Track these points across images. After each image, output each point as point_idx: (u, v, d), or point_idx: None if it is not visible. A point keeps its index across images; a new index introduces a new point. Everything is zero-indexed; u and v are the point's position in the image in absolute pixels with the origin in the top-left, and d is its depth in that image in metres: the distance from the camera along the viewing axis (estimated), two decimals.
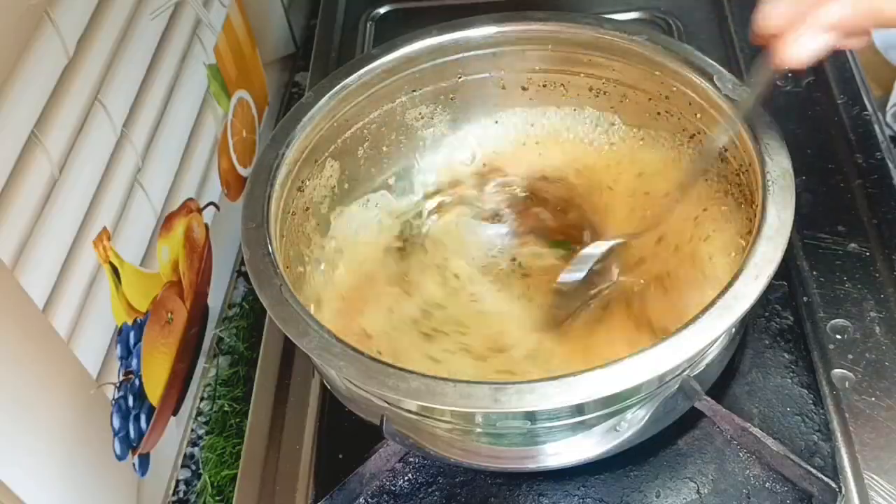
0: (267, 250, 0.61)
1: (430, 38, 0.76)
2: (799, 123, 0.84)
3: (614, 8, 0.99)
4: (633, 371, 0.52)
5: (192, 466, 0.79)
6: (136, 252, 0.71)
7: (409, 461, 0.67)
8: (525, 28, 0.75)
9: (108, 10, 0.66)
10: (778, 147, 0.62)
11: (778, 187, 0.60)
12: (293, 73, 1.12)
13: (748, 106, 0.60)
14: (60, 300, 0.60)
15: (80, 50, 0.62)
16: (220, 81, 0.87)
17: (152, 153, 0.73)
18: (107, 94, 0.66)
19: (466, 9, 0.82)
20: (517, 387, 0.52)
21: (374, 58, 0.75)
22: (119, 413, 0.67)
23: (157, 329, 0.73)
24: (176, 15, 0.78)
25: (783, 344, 0.71)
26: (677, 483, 0.64)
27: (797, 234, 0.75)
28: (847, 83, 0.87)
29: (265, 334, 0.77)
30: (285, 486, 0.67)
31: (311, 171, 0.72)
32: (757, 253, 0.57)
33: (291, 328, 0.57)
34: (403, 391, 0.53)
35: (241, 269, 0.92)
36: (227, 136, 0.89)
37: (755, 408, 0.67)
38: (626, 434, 0.61)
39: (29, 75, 0.57)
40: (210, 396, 0.84)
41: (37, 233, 0.57)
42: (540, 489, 0.65)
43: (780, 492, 0.63)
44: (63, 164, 0.60)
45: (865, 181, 0.78)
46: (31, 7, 0.58)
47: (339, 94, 0.73)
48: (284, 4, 1.09)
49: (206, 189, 0.83)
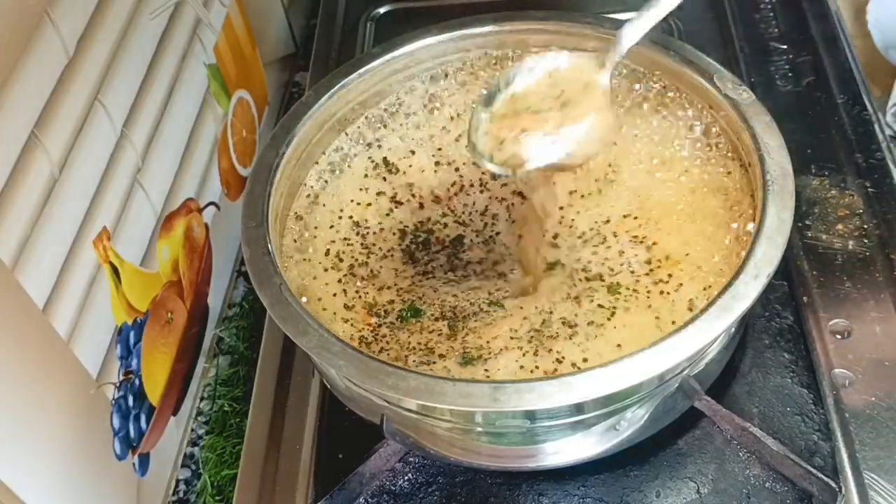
0: (267, 250, 0.62)
1: (430, 37, 0.76)
2: (799, 123, 0.84)
3: (614, 8, 0.99)
4: (632, 370, 0.52)
5: (192, 466, 0.79)
6: (136, 252, 0.71)
7: (409, 461, 0.67)
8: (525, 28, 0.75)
9: (108, 10, 0.66)
10: (778, 147, 0.63)
11: (778, 187, 0.60)
12: (293, 73, 1.12)
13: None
14: (60, 300, 0.60)
15: (80, 50, 0.62)
16: (220, 81, 0.87)
17: (152, 153, 0.73)
18: (107, 94, 0.66)
19: (466, 9, 0.82)
20: (516, 386, 0.52)
21: (374, 57, 0.75)
22: (119, 413, 0.67)
23: (157, 329, 0.73)
24: (176, 15, 0.78)
25: (783, 344, 0.71)
26: (677, 483, 0.64)
27: (797, 234, 0.75)
28: (847, 83, 0.87)
29: (265, 334, 0.77)
30: (285, 486, 0.67)
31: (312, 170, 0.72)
32: (757, 253, 0.57)
33: (291, 327, 0.57)
34: (403, 390, 0.53)
35: (241, 269, 0.92)
36: (227, 136, 0.89)
37: (755, 407, 0.67)
38: (626, 433, 0.61)
39: (29, 75, 0.57)
40: (210, 396, 0.84)
41: (37, 233, 0.58)
42: (540, 489, 0.65)
43: (780, 491, 0.63)
44: (63, 164, 0.60)
45: (865, 181, 0.78)
46: (31, 7, 0.58)
47: (338, 94, 0.73)
48: (284, 4, 1.09)
49: (206, 189, 0.83)
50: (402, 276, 0.69)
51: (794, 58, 0.91)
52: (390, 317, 0.65)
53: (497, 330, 0.62)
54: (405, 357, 0.61)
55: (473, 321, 0.64)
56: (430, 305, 0.66)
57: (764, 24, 0.94)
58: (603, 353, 0.60)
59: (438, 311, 0.65)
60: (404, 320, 0.65)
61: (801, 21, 0.94)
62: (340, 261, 0.69)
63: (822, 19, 0.94)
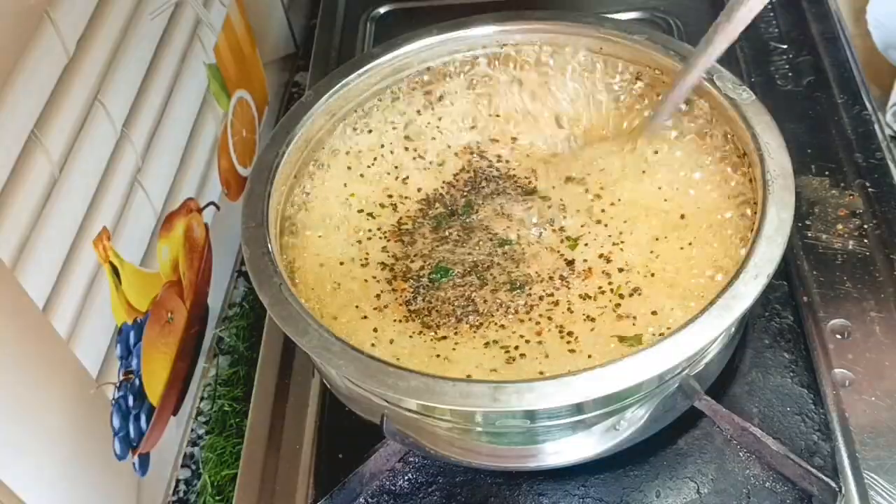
0: (267, 249, 0.62)
1: (430, 37, 0.76)
2: (799, 123, 0.84)
3: (614, 8, 0.99)
4: (632, 370, 0.52)
5: (192, 466, 0.79)
6: (136, 252, 0.71)
7: (409, 461, 0.67)
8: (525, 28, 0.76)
9: (108, 10, 0.66)
10: (778, 147, 0.63)
11: (778, 187, 0.60)
12: (293, 73, 1.12)
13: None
14: (60, 300, 0.60)
15: (80, 50, 0.63)
16: (220, 81, 0.87)
17: (152, 153, 0.73)
18: (107, 94, 0.66)
19: (466, 9, 0.82)
20: (516, 386, 0.52)
21: (374, 57, 0.75)
22: (119, 413, 0.67)
23: (157, 329, 0.73)
24: (176, 15, 0.78)
25: (783, 344, 0.71)
26: (677, 483, 0.64)
27: (797, 234, 0.75)
28: (847, 83, 0.87)
29: (265, 334, 0.77)
30: (285, 486, 0.67)
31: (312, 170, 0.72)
32: (757, 253, 0.57)
33: (291, 327, 0.57)
34: (403, 390, 0.53)
35: (241, 269, 0.92)
36: (227, 136, 0.89)
37: (755, 407, 0.67)
38: (626, 433, 0.61)
39: (29, 75, 0.57)
40: (210, 396, 0.84)
41: (37, 233, 0.58)
42: (540, 489, 0.65)
43: (780, 491, 0.63)
44: (63, 164, 0.60)
45: (865, 181, 0.78)
46: (31, 7, 0.58)
47: (339, 93, 0.73)
48: (284, 4, 1.09)
49: (206, 189, 0.83)
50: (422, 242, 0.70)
51: (794, 58, 0.91)
52: (423, 280, 0.66)
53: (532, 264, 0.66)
54: (452, 311, 0.64)
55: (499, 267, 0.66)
56: (454, 265, 0.67)
57: (764, 23, 0.94)
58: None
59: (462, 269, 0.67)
60: (435, 281, 0.66)
61: (801, 21, 0.94)
62: (359, 242, 0.70)
63: (822, 19, 0.94)
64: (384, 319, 0.64)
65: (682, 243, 0.66)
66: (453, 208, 0.72)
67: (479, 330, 0.63)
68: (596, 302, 0.63)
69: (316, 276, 0.67)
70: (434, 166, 0.75)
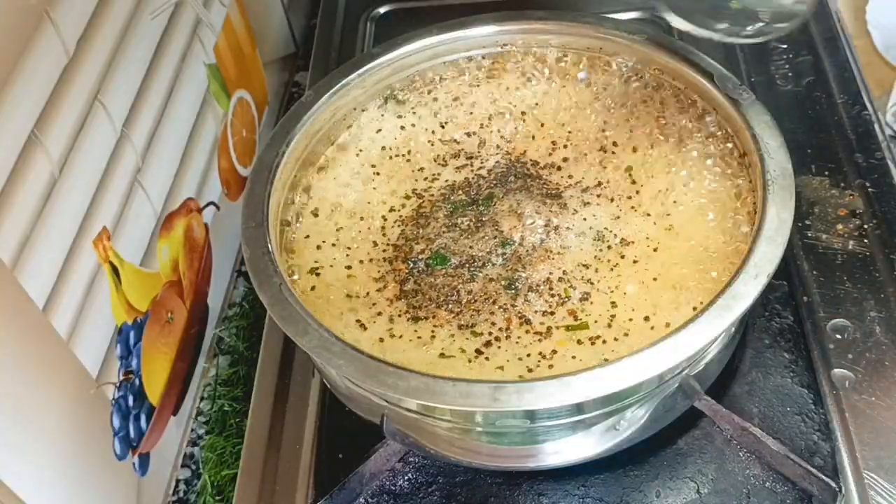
0: (267, 249, 0.62)
1: (430, 37, 0.76)
2: (799, 123, 0.84)
3: (614, 8, 0.99)
4: (632, 370, 0.52)
5: (192, 466, 0.79)
6: (136, 252, 0.71)
7: (409, 461, 0.67)
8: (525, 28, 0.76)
9: (108, 10, 0.66)
10: (778, 147, 0.63)
11: (778, 187, 0.60)
12: (293, 73, 1.12)
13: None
14: (60, 300, 0.60)
15: (80, 50, 0.63)
16: (220, 81, 0.87)
17: (152, 153, 0.73)
18: (107, 94, 0.66)
19: (466, 9, 0.82)
20: (516, 386, 0.52)
21: (374, 57, 0.75)
22: (119, 413, 0.67)
23: (157, 329, 0.73)
24: (176, 15, 0.78)
25: (783, 344, 0.71)
26: (677, 483, 0.64)
27: (797, 234, 0.75)
28: (847, 83, 0.87)
29: (265, 334, 0.77)
30: (285, 486, 0.67)
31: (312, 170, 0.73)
32: (757, 253, 0.57)
33: (291, 327, 0.57)
34: (403, 390, 0.53)
35: (241, 269, 0.92)
36: (227, 136, 0.89)
37: (755, 407, 0.67)
38: (626, 433, 0.61)
39: (29, 75, 0.57)
40: (210, 396, 0.84)
41: (37, 233, 0.58)
42: (540, 489, 0.65)
43: (780, 491, 0.63)
44: (63, 164, 0.60)
45: (865, 181, 0.78)
46: (31, 7, 0.58)
47: (338, 93, 0.73)
48: (284, 4, 1.09)
49: (206, 189, 0.83)
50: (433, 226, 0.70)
51: (794, 58, 0.91)
52: (420, 264, 0.67)
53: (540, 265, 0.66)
54: (435, 297, 0.64)
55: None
56: (453, 254, 0.67)
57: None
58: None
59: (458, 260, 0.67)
60: (431, 267, 0.67)
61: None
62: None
63: (822, 19, 0.94)
64: (380, 295, 0.65)
65: (682, 243, 0.66)
66: (476, 197, 0.72)
67: (457, 317, 0.63)
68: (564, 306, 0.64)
69: (318, 280, 0.67)
70: (433, 166, 0.75)
